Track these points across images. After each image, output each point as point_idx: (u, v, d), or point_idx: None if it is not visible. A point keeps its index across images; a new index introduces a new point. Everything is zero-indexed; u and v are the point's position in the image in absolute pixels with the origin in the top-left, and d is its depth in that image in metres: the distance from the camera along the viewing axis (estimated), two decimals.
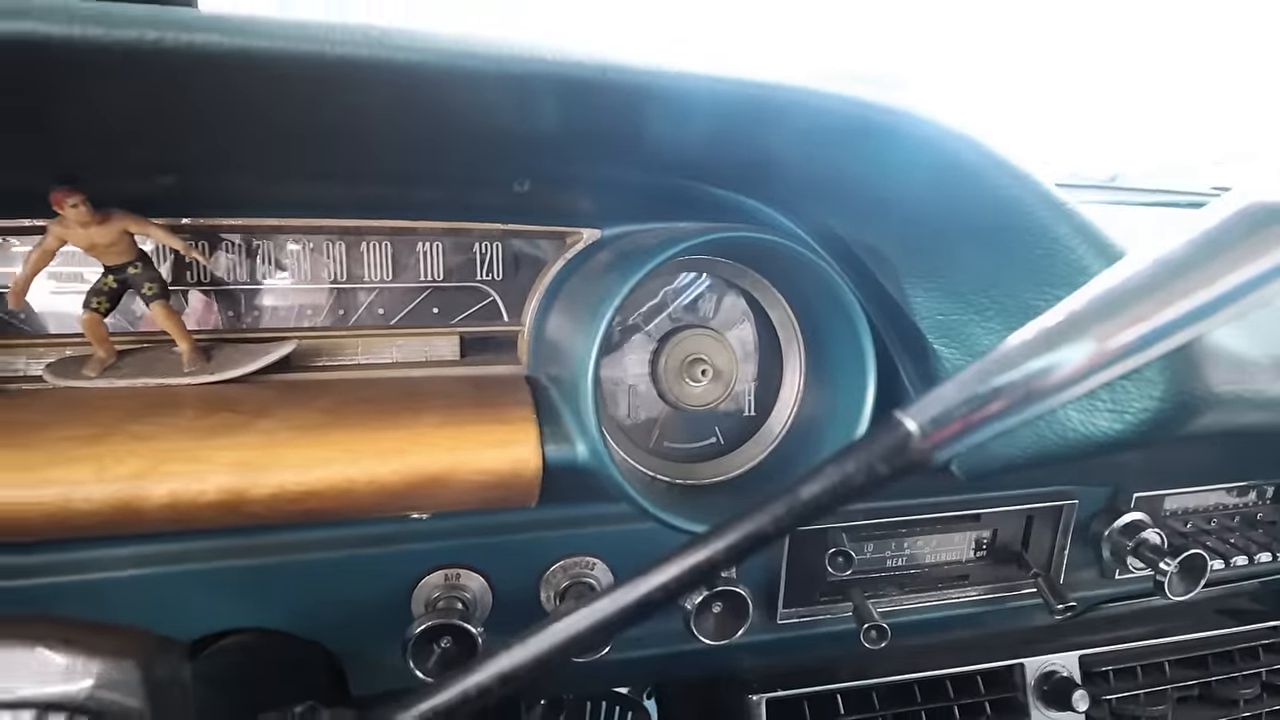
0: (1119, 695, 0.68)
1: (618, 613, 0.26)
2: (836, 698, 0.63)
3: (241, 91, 0.28)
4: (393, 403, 0.38)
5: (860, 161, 0.32)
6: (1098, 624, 0.67)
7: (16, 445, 0.31)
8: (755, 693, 0.62)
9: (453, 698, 0.27)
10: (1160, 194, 0.99)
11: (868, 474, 0.21)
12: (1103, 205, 0.87)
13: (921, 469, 0.20)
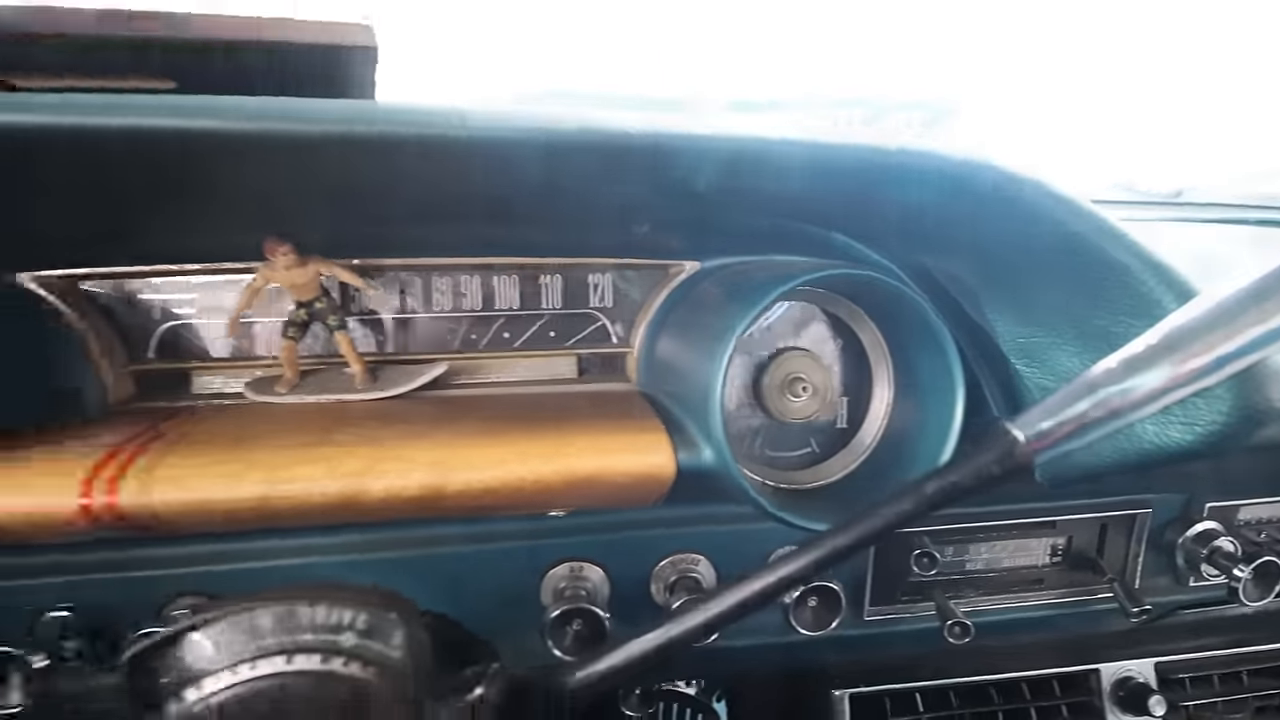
0: (1196, 702, 0.69)
1: (756, 594, 0.32)
2: (916, 696, 0.67)
3: (419, 166, 0.35)
4: (539, 414, 0.44)
5: (951, 209, 0.37)
6: (1174, 633, 0.69)
7: (260, 449, 0.39)
8: (839, 688, 0.66)
9: (617, 664, 0.33)
10: (1225, 209, 1.00)
11: (981, 475, 0.26)
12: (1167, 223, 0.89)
13: (1027, 471, 0.25)
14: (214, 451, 0.39)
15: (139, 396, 0.51)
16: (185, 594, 0.48)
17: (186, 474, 0.37)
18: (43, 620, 0.47)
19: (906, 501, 0.29)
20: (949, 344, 0.41)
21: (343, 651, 0.30)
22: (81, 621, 0.48)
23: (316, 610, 0.30)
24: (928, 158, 0.35)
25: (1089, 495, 0.58)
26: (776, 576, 0.32)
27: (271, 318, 0.51)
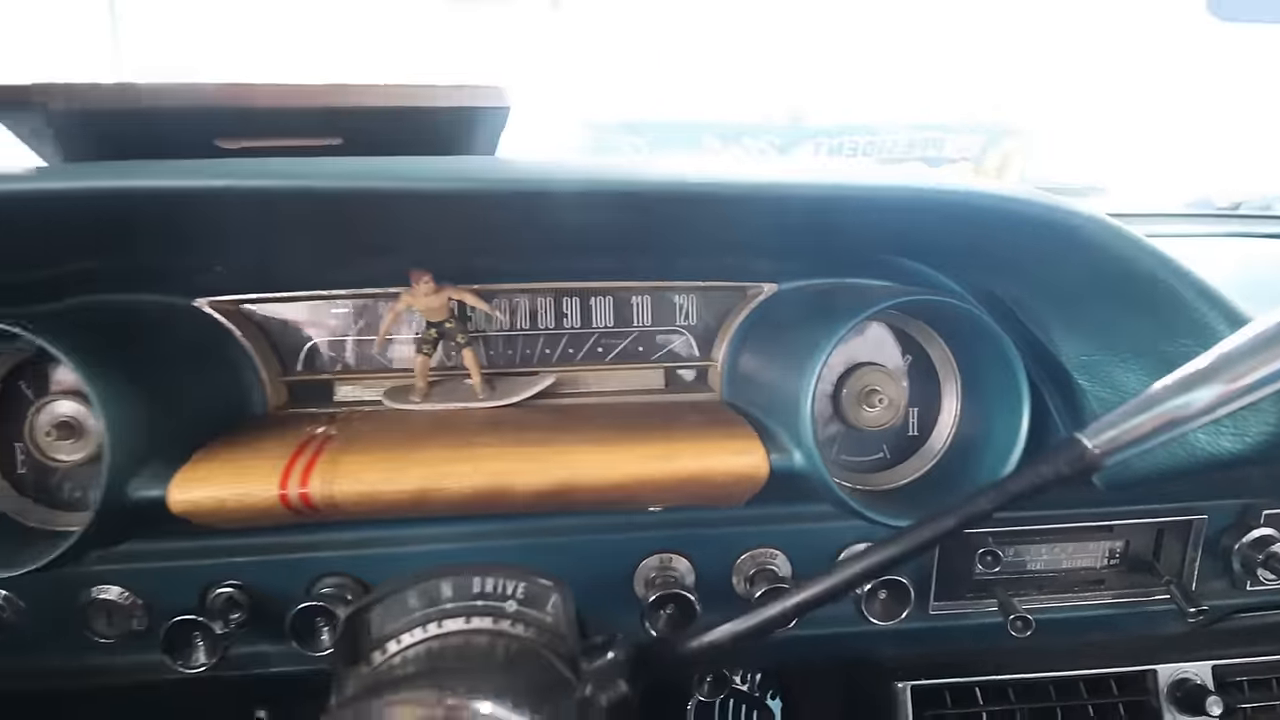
0: (1253, 705, 0.72)
1: (841, 583, 0.37)
2: (975, 690, 0.71)
3: (537, 213, 0.41)
4: (645, 421, 0.51)
5: (1020, 243, 0.42)
6: (1231, 637, 0.72)
7: (416, 450, 0.46)
8: (901, 680, 0.70)
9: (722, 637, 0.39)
10: None
11: (1052, 478, 0.31)
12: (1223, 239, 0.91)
13: (1094, 472, 0.30)
14: (379, 451, 0.46)
15: (291, 404, 0.59)
16: (330, 574, 0.56)
17: (360, 470, 0.44)
18: (213, 594, 0.55)
19: (984, 501, 0.34)
20: (1017, 361, 0.46)
21: (508, 615, 0.36)
22: (244, 596, 0.55)
23: (487, 581, 0.37)
24: (1001, 199, 0.40)
25: (1145, 501, 0.61)
26: (860, 567, 0.37)
27: (394, 335, 0.59)
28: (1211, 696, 0.68)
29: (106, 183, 0.36)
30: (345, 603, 0.54)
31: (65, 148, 0.45)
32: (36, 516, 0.50)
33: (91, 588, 0.54)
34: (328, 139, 0.48)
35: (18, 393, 0.50)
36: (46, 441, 0.48)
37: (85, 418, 0.49)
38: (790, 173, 0.41)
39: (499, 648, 0.35)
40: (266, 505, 0.43)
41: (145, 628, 0.55)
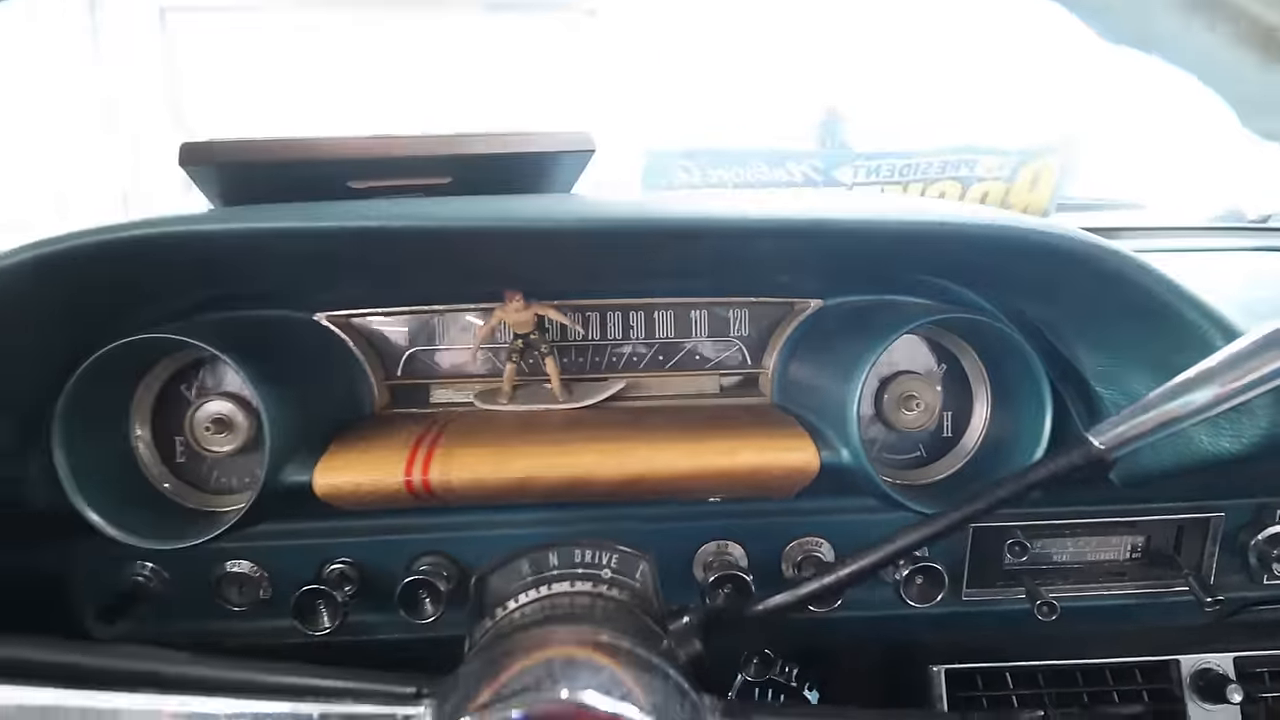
0: (1275, 695, 0.76)
1: (887, 555, 0.44)
2: (1006, 675, 0.76)
3: (610, 244, 0.49)
4: (707, 422, 0.58)
5: (1048, 269, 0.48)
6: (1253, 631, 0.76)
7: (515, 444, 0.54)
8: (936, 663, 0.76)
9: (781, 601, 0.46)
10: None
11: (1064, 469, 0.38)
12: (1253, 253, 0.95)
13: (1101, 467, 0.37)
14: (484, 446, 0.54)
15: (393, 404, 0.67)
16: (428, 553, 0.64)
17: (472, 461, 0.52)
18: (328, 569, 0.64)
19: (1007, 489, 0.40)
20: (1040, 372, 0.52)
21: (604, 580, 0.44)
22: (354, 571, 0.64)
23: (586, 552, 0.44)
24: (1034, 232, 0.46)
25: (1164, 499, 0.66)
26: (901, 544, 0.43)
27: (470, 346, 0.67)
28: (1232, 685, 0.72)
29: (278, 224, 0.45)
30: (443, 578, 0.61)
31: (226, 192, 0.54)
32: (193, 499, 0.59)
33: (226, 562, 0.63)
34: (439, 178, 0.57)
35: (178, 394, 0.59)
36: (205, 435, 0.57)
37: (235, 415, 0.57)
38: (847, 207, 0.48)
39: (599, 606, 0.42)
40: (393, 490, 0.52)
41: (270, 598, 0.64)
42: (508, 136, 0.54)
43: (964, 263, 0.53)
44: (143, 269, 0.49)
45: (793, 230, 0.46)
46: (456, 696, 0.32)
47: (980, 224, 0.47)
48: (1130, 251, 0.46)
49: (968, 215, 0.48)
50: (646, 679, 0.32)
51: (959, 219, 0.47)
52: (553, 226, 0.45)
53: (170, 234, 0.43)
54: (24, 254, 0.44)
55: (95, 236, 0.44)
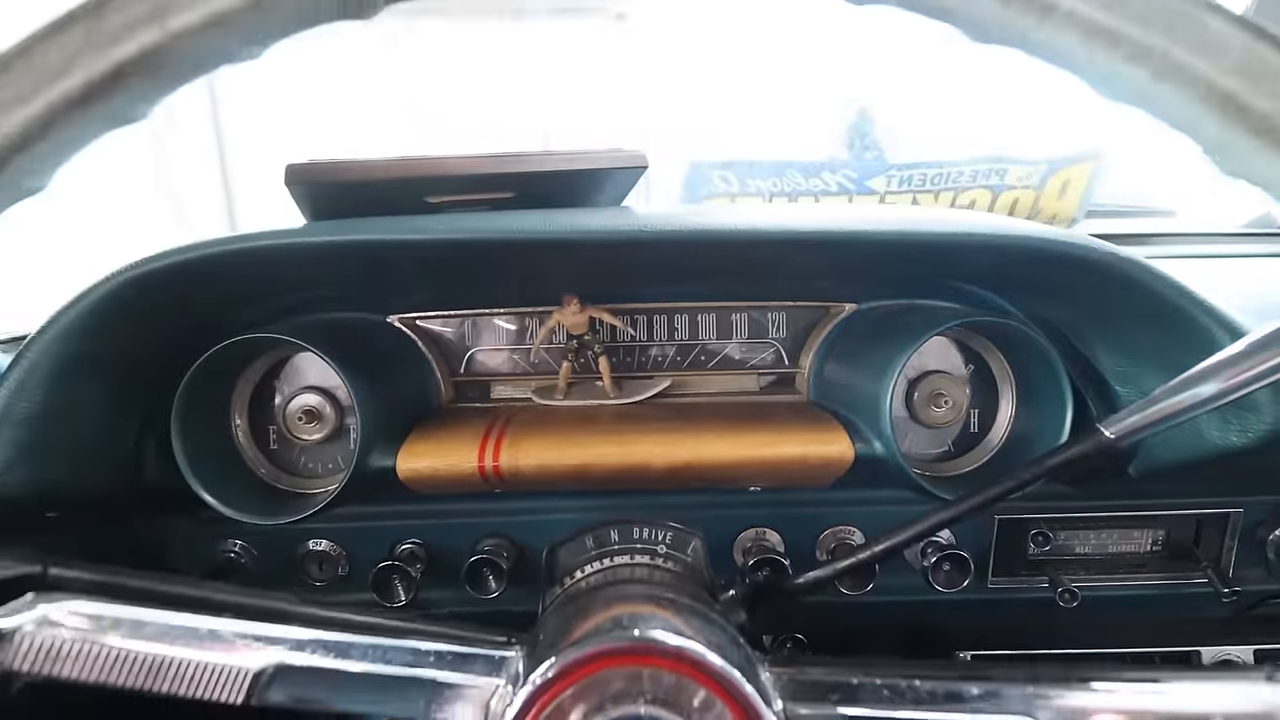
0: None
1: (916, 533, 0.48)
2: (1029, 662, 0.80)
3: (662, 253, 0.54)
4: (749, 416, 0.63)
5: (1069, 276, 0.53)
6: (1271, 625, 0.79)
7: (574, 433, 0.59)
8: (962, 649, 0.80)
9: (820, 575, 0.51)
10: None
11: (1081, 454, 0.42)
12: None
13: (1112, 453, 0.41)
14: (547, 436, 0.59)
15: (457, 399, 0.73)
16: (490, 536, 0.70)
17: (537, 449, 0.58)
18: (399, 548, 0.70)
19: (1026, 473, 0.45)
20: (1063, 373, 0.56)
21: (660, 554, 0.49)
22: (423, 551, 0.70)
23: (643, 529, 0.50)
24: (1053, 242, 0.50)
25: (1184, 495, 0.70)
26: (929, 523, 0.48)
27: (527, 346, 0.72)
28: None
29: (384, 236, 0.51)
30: (504, 558, 0.67)
31: (318, 207, 0.60)
32: (285, 482, 0.66)
33: (308, 541, 0.69)
34: (504, 193, 0.63)
35: (270, 389, 0.66)
36: (297, 425, 0.63)
37: (323, 406, 0.64)
38: (884, 218, 0.52)
39: (655, 577, 0.48)
40: (467, 474, 0.58)
41: (347, 574, 0.70)
42: (570, 155, 0.60)
43: (991, 269, 0.58)
44: (252, 276, 0.56)
45: (834, 240, 0.51)
46: (543, 642, 0.38)
47: (1005, 234, 0.51)
48: (1143, 259, 0.51)
49: (994, 226, 0.52)
50: (705, 627, 0.37)
51: (986, 230, 0.52)
52: (618, 236, 0.51)
53: (289, 245, 0.50)
54: (136, 270, 0.50)
55: (217, 248, 0.50)
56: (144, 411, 0.58)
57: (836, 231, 0.50)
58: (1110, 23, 0.22)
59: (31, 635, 0.26)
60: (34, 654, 0.26)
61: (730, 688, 0.32)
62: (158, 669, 0.26)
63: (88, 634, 0.27)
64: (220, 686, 0.27)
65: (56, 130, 0.25)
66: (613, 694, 0.33)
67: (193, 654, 0.27)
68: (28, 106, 0.24)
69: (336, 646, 0.32)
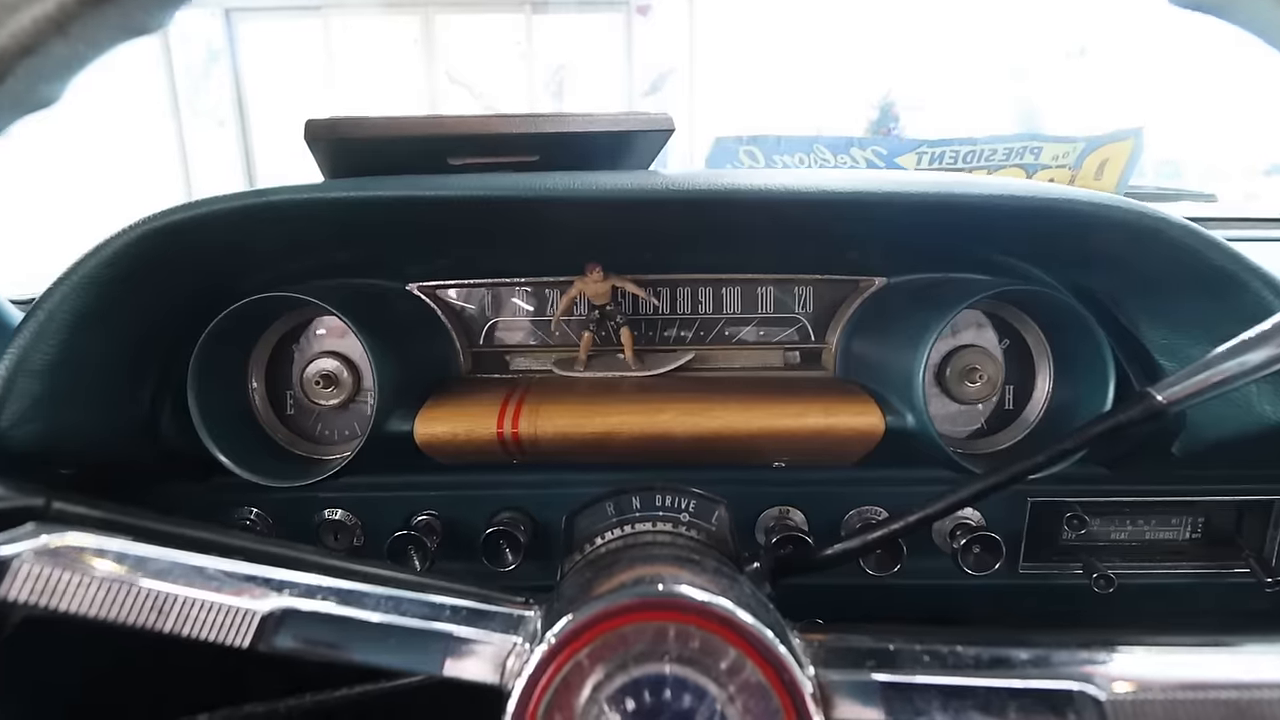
0: None
1: (946, 506, 0.46)
2: None
3: (684, 216, 0.52)
4: (773, 389, 0.61)
5: (1115, 243, 0.50)
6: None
7: (597, 402, 0.58)
8: None
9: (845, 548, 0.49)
10: None
11: (1129, 419, 0.40)
12: None
13: (1163, 417, 0.39)
14: (568, 403, 0.58)
15: (476, 370, 0.72)
16: (506, 509, 0.68)
17: (556, 416, 0.57)
18: (416, 519, 0.69)
19: (1068, 441, 0.42)
20: (1104, 344, 0.54)
21: (683, 522, 0.47)
22: (439, 523, 0.69)
23: (666, 496, 0.48)
24: (1105, 206, 0.48)
25: (1225, 480, 0.67)
26: (963, 494, 0.45)
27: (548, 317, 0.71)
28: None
29: (394, 193, 0.49)
30: (521, 531, 0.66)
31: (338, 166, 0.59)
32: (302, 448, 0.65)
33: (324, 510, 0.69)
34: (528, 157, 0.61)
35: (287, 354, 0.65)
36: (314, 389, 0.63)
37: (340, 371, 0.63)
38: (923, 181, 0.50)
39: (679, 545, 0.46)
40: (486, 440, 0.56)
41: (363, 544, 0.69)
42: (596, 116, 0.58)
43: (1031, 237, 0.55)
44: (271, 233, 0.55)
45: (869, 201, 0.49)
46: (561, 601, 0.36)
47: (1049, 197, 0.49)
48: (1192, 224, 0.48)
49: (1037, 189, 0.50)
50: (733, 588, 0.35)
51: (1028, 192, 0.49)
52: (646, 195, 0.49)
53: (308, 200, 0.49)
54: (157, 221, 0.49)
55: (236, 202, 0.49)
56: (161, 370, 0.57)
57: (872, 192, 0.48)
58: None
59: (30, 564, 0.25)
60: (33, 584, 0.25)
61: (762, 648, 0.31)
62: (160, 606, 0.25)
63: (89, 566, 0.26)
64: (226, 628, 0.26)
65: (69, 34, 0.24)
66: (635, 653, 0.32)
67: (198, 593, 0.26)
68: (37, 5, 0.23)
69: (350, 595, 0.30)
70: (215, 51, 5.40)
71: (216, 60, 5.39)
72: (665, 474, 0.67)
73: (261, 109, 5.44)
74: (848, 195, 0.49)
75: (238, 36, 5.41)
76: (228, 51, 5.41)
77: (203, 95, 5.41)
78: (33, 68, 0.24)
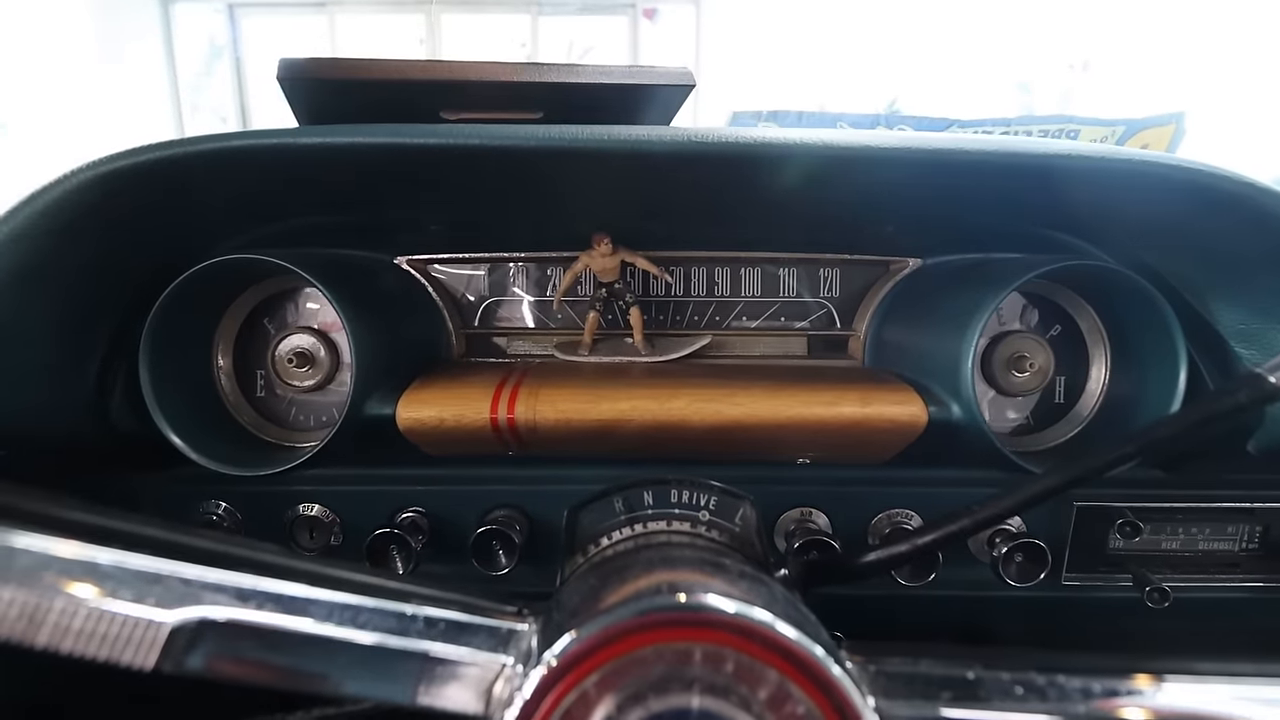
0: None
1: (993, 514, 0.40)
2: None
3: (704, 175, 0.46)
4: (798, 377, 0.55)
5: (1188, 213, 0.44)
6: None
7: (601, 387, 0.51)
8: None
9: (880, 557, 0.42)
10: None
11: (1234, 405, 0.33)
12: None
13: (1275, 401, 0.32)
14: (570, 388, 0.52)
15: (469, 354, 0.66)
16: (500, 506, 0.62)
17: (557, 400, 0.50)
18: (400, 517, 0.62)
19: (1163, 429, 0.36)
20: (1175, 325, 0.48)
21: (703, 521, 0.41)
22: (426, 521, 0.62)
23: (682, 492, 0.42)
24: (1171, 167, 0.42)
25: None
26: (1017, 497, 0.39)
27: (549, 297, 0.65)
28: None
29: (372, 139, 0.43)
30: (516, 531, 0.60)
31: (318, 114, 0.53)
32: (271, 434, 0.58)
33: (298, 505, 0.62)
34: (531, 113, 0.55)
35: (260, 329, 0.59)
36: (286, 369, 0.56)
37: (316, 350, 0.57)
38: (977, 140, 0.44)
39: (697, 545, 0.40)
40: (477, 426, 0.50)
41: (341, 543, 0.62)
42: (602, 68, 0.52)
43: (1090, 207, 0.49)
44: (235, 185, 0.48)
45: (917, 160, 0.42)
46: (560, 613, 0.30)
47: (1118, 158, 0.43)
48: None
49: (1105, 151, 0.44)
50: (769, 596, 0.29)
51: (1095, 153, 0.43)
52: (664, 147, 0.43)
53: (276, 146, 0.43)
54: (101, 167, 0.42)
55: (191, 146, 0.43)
56: (111, 342, 0.50)
57: (927, 149, 0.42)
58: None
59: None
60: None
61: (814, 674, 0.24)
62: (30, 616, 0.19)
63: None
64: (123, 644, 0.20)
65: None
66: (654, 680, 0.26)
67: (88, 598, 0.20)
68: None
69: (292, 602, 0.24)
70: (218, 47, 5.36)
71: (219, 56, 5.35)
72: (677, 469, 0.61)
73: (264, 105, 5.41)
74: (897, 153, 0.42)
75: (241, 32, 5.37)
76: (230, 47, 5.37)
77: (205, 91, 5.37)
78: None
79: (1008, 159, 0.42)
